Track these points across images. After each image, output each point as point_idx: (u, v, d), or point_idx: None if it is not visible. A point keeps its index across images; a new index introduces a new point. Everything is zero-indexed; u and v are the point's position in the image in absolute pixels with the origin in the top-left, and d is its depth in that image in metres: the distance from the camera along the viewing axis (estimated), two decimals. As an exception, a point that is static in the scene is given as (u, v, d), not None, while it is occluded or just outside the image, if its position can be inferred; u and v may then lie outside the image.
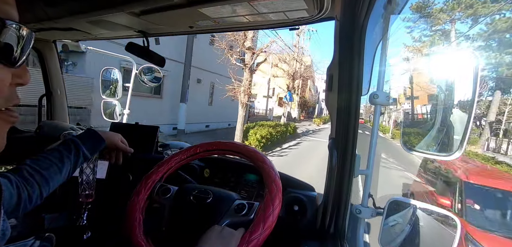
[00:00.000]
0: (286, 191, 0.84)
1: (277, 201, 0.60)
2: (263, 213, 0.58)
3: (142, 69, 1.97)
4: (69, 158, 0.65)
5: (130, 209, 0.67)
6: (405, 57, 17.35)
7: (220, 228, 0.59)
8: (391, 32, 0.60)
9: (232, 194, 0.74)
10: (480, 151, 12.96)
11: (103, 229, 0.87)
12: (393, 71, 8.78)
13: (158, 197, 0.73)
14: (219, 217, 0.65)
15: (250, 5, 0.64)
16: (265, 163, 0.69)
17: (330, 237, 0.73)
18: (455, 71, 0.63)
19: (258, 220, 0.57)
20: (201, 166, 1.08)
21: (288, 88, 16.84)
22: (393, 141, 17.10)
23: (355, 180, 0.69)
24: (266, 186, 0.64)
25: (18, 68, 0.33)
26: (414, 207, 0.70)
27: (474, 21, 14.29)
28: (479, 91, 7.48)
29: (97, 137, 0.73)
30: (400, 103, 0.69)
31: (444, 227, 0.67)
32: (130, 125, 1.21)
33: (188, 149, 0.82)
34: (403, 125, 0.76)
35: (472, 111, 0.58)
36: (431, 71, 0.69)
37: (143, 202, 0.69)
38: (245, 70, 8.11)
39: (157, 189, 0.74)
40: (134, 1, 0.68)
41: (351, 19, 0.56)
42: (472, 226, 2.73)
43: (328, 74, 0.68)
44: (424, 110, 0.71)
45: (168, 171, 0.78)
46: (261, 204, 0.61)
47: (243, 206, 0.67)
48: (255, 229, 0.55)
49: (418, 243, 0.69)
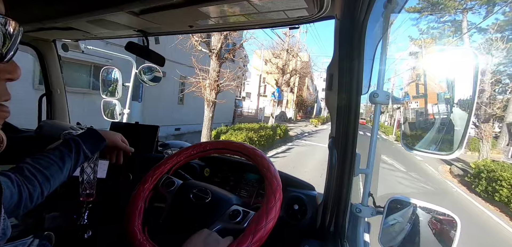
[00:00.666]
0: (286, 190, 0.84)
1: (273, 213, 0.58)
2: (255, 225, 0.55)
3: (142, 68, 1.96)
4: (70, 157, 0.65)
5: (134, 197, 0.68)
6: (412, 52, 16.52)
7: (208, 232, 0.57)
8: (396, 27, 0.60)
9: (231, 197, 0.73)
10: (503, 158, 10.87)
11: (103, 228, 0.88)
12: (398, 67, 8.36)
13: (163, 189, 0.74)
14: (212, 219, 0.64)
15: (250, 4, 0.64)
16: (270, 171, 0.66)
17: (330, 236, 0.73)
18: (455, 69, 0.63)
19: (248, 232, 0.54)
20: (201, 166, 1.08)
21: (277, 84, 15.26)
22: (398, 144, 14.70)
23: (355, 179, 0.69)
24: (266, 195, 0.62)
25: (7, 64, 0.32)
26: (414, 206, 0.70)
27: (489, 12, 12.92)
28: (493, 89, 7.23)
29: (98, 136, 0.73)
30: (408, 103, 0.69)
31: (444, 226, 0.67)
32: (130, 125, 1.21)
33: (198, 145, 0.83)
34: (403, 125, 0.76)
35: (472, 110, 0.58)
36: (432, 70, 0.69)
37: (148, 192, 0.71)
38: (212, 57, 6.14)
39: (163, 181, 0.76)
40: (134, 1, 0.68)
41: (351, 18, 0.56)
42: None
43: (328, 73, 0.68)
44: (425, 109, 0.71)
45: (177, 165, 0.80)
46: (255, 215, 0.59)
47: (238, 213, 0.65)
48: (243, 240, 0.53)
49: (418, 242, 0.69)
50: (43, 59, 1.44)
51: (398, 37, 23.30)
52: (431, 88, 0.67)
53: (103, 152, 0.78)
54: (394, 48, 29.83)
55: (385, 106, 0.65)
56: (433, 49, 3.01)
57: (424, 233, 0.68)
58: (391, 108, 23.33)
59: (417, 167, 9.46)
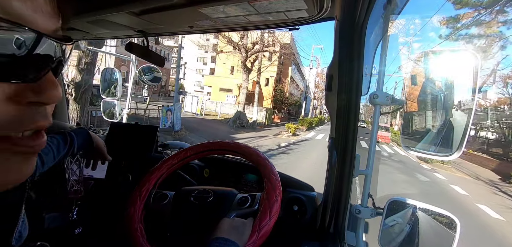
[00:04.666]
0: (286, 191, 0.84)
1: (278, 189, 0.62)
2: (267, 201, 0.60)
3: (142, 68, 1.97)
4: (64, 148, 0.71)
5: (128, 221, 0.66)
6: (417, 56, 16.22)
7: (230, 219, 0.61)
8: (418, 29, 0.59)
9: (232, 190, 0.74)
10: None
11: (103, 228, 0.88)
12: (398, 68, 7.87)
13: (155, 205, 0.72)
14: (223, 213, 0.66)
15: (250, 5, 0.64)
16: (260, 157, 0.71)
17: (330, 237, 0.73)
18: (455, 70, 0.63)
19: (265, 208, 0.59)
20: (201, 166, 1.08)
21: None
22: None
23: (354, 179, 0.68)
24: (265, 177, 0.65)
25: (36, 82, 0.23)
26: (413, 207, 0.70)
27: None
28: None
29: (89, 138, 0.81)
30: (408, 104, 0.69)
31: (444, 227, 0.67)
32: (130, 125, 1.21)
33: (178, 154, 0.82)
34: (403, 125, 0.76)
35: (472, 111, 0.58)
36: (432, 71, 0.69)
37: (140, 212, 0.69)
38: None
39: (152, 197, 0.73)
40: (134, 1, 0.68)
41: (351, 19, 0.56)
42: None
43: (327, 74, 0.68)
44: (425, 110, 0.71)
45: (161, 178, 0.78)
46: (263, 194, 0.63)
47: (246, 199, 0.69)
48: (264, 216, 0.58)
49: (417, 243, 0.69)
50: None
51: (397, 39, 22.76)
52: (431, 89, 0.67)
53: (87, 153, 0.84)
54: (394, 48, 29.13)
55: (386, 108, 0.65)
56: (433, 50, 3.03)
57: (424, 234, 0.68)
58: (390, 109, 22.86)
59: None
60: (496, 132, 17.25)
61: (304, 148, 9.56)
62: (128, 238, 0.63)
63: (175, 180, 0.89)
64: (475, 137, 17.84)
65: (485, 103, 17.42)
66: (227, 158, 1.13)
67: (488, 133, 17.75)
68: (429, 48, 9.52)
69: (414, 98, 0.69)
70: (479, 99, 16.89)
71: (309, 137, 13.41)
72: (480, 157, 14.18)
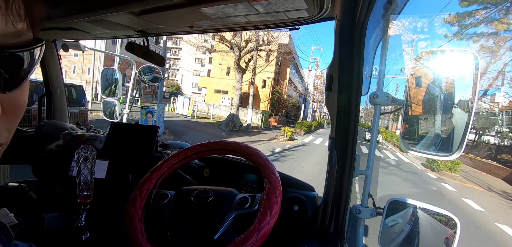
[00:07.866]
0: (286, 191, 0.84)
1: (278, 190, 0.62)
2: (267, 202, 0.60)
3: (142, 68, 1.97)
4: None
5: (129, 221, 0.66)
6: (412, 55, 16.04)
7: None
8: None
9: (232, 190, 0.74)
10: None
11: (103, 229, 0.88)
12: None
13: (155, 204, 0.72)
14: (224, 212, 0.66)
15: (250, 5, 0.64)
16: (260, 157, 0.71)
17: (330, 237, 0.73)
18: (455, 70, 0.63)
19: (265, 209, 0.59)
20: (201, 166, 1.08)
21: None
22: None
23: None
24: (265, 177, 0.65)
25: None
26: (414, 207, 0.70)
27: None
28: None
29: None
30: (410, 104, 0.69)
31: (444, 227, 0.67)
32: (130, 125, 1.21)
33: (178, 153, 0.82)
34: (403, 125, 0.76)
35: (472, 111, 0.58)
36: (432, 71, 0.69)
37: (141, 211, 0.69)
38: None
39: (153, 196, 0.73)
40: (134, 1, 0.68)
41: (351, 19, 0.56)
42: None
43: (328, 74, 0.68)
44: (425, 111, 0.71)
45: (162, 177, 0.78)
46: (264, 195, 0.63)
47: (246, 199, 0.68)
48: (263, 217, 0.58)
49: (417, 243, 0.69)
50: (43, 60, 1.44)
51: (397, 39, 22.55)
52: (434, 91, 0.67)
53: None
54: (394, 48, 29.12)
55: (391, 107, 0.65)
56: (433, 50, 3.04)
57: (424, 234, 0.68)
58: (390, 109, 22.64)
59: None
60: (505, 138, 16.83)
61: (300, 154, 9.18)
62: (128, 237, 0.63)
63: (175, 180, 0.89)
64: (481, 142, 17.37)
65: (493, 106, 16.93)
66: (227, 158, 1.13)
67: (496, 139, 17.41)
68: (430, 48, 9.34)
69: (418, 101, 0.69)
70: (485, 102, 16.43)
71: (306, 141, 13.09)
72: (488, 164, 13.58)
